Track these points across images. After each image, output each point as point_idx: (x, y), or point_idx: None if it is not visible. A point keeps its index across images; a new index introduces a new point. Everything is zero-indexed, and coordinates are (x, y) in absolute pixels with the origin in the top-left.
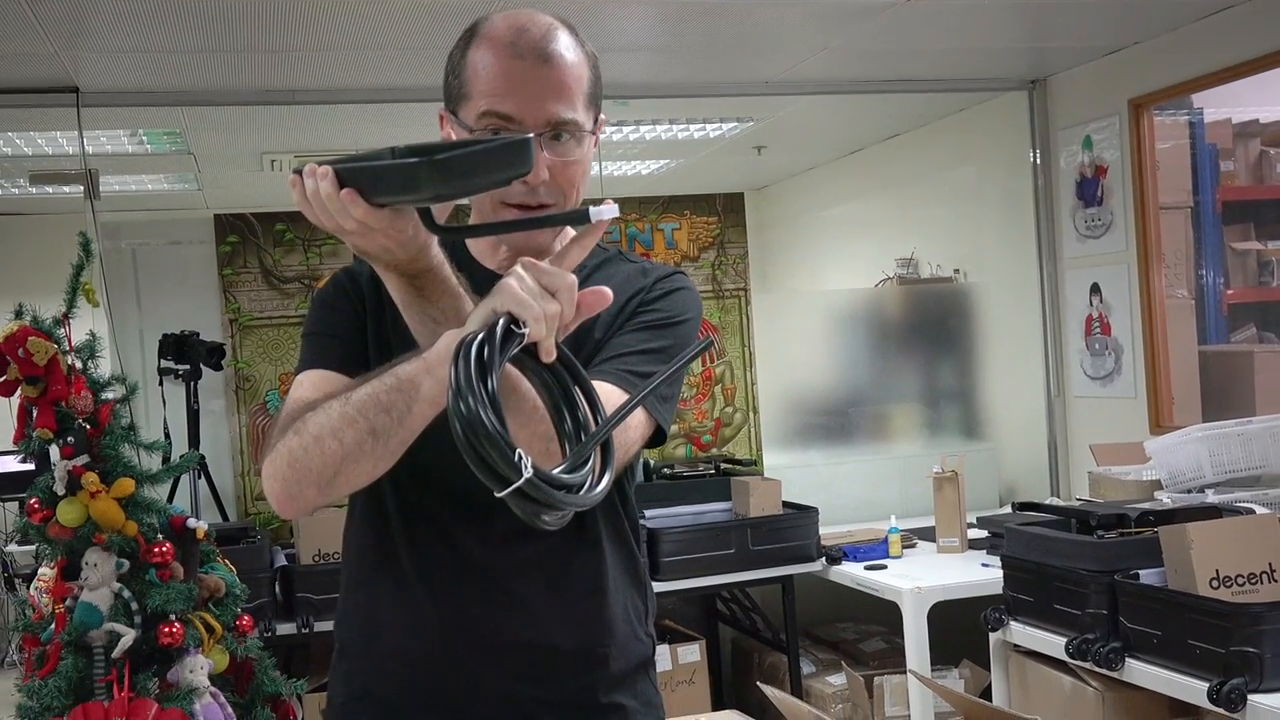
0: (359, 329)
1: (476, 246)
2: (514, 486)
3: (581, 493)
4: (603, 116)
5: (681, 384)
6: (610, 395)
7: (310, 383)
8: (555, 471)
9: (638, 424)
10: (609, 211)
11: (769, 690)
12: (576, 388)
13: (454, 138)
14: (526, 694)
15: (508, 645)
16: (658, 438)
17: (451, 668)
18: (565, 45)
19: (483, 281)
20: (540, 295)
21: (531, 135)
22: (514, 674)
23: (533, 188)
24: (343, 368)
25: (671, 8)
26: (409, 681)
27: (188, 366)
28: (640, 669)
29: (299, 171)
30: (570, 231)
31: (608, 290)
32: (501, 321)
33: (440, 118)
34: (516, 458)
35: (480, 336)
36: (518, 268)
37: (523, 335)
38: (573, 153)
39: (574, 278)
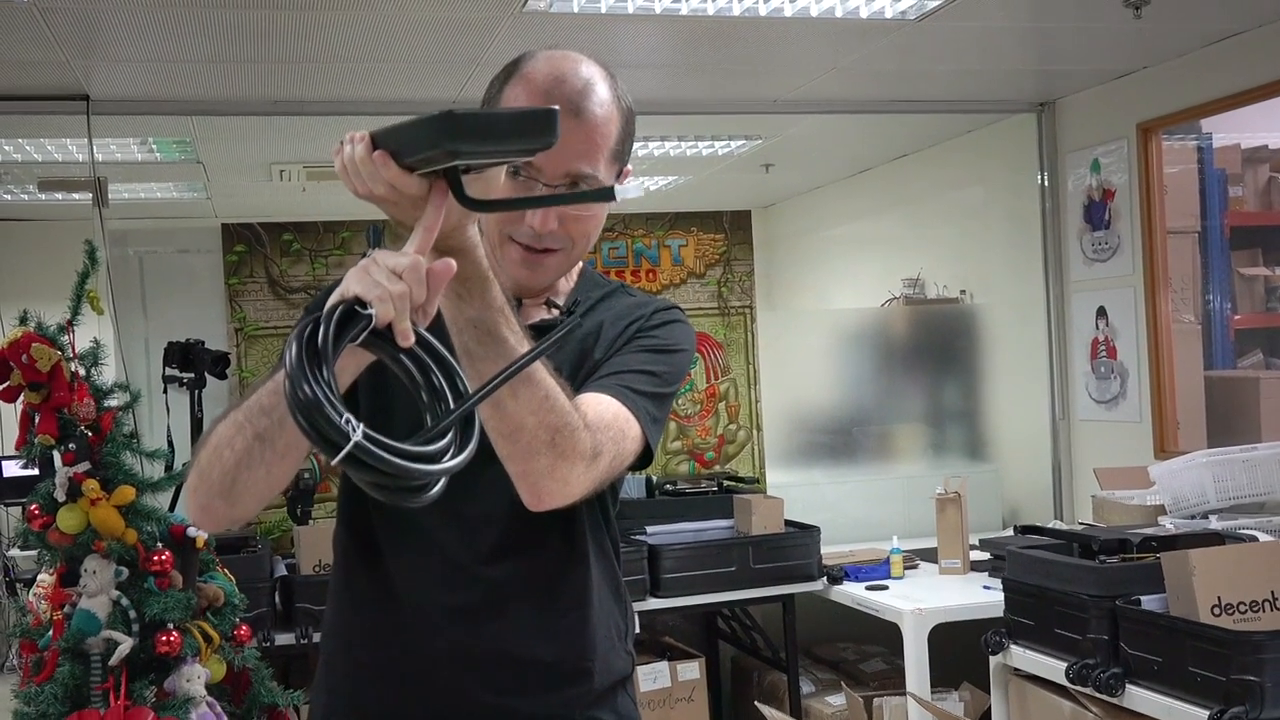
0: None
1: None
2: (344, 451)
3: (435, 462)
4: (628, 168)
5: (670, 408)
6: (607, 405)
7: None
8: (406, 444)
9: (614, 412)
10: (633, 190)
11: (767, 710)
12: (435, 367)
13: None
14: (509, 707)
15: (492, 659)
16: (645, 459)
17: (435, 681)
18: (599, 101)
19: None
20: (387, 276)
21: (556, 108)
22: (497, 688)
23: (539, 234)
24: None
25: (682, 26)
26: (391, 694)
27: (192, 375)
28: (620, 685)
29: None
30: (575, 273)
31: (451, 261)
32: (342, 306)
33: None
34: (344, 421)
35: (316, 318)
36: (365, 259)
37: (369, 316)
38: (588, 207)
39: (419, 258)
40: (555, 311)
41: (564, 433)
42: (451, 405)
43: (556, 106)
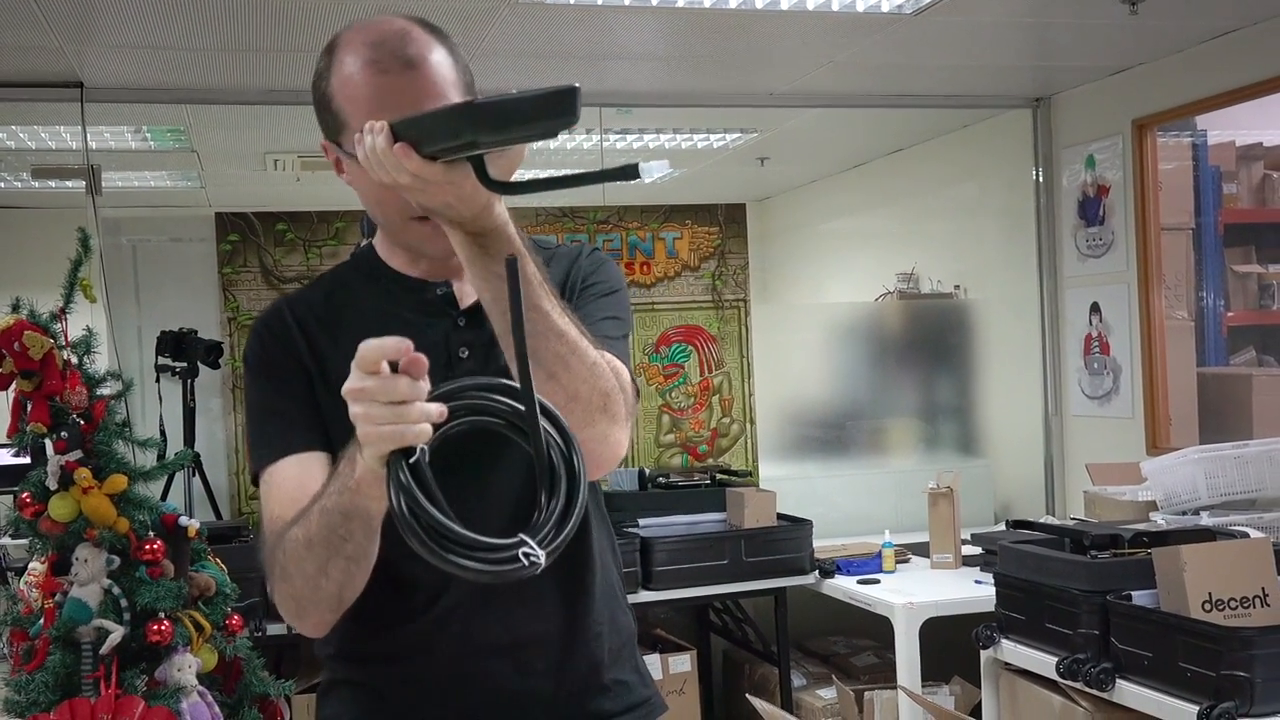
0: (306, 385)
1: (397, 259)
2: (539, 564)
3: (569, 519)
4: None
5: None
6: (609, 359)
7: (282, 489)
8: (549, 516)
9: (616, 365)
10: (659, 168)
11: (758, 703)
12: (486, 393)
13: (345, 168)
14: (536, 689)
15: (513, 643)
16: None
17: (459, 674)
18: (424, 44)
19: (410, 290)
20: (396, 414)
21: (578, 85)
22: (523, 671)
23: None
24: (309, 447)
25: (678, 18)
26: (417, 694)
27: (185, 364)
28: (630, 641)
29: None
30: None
31: (408, 346)
32: (401, 469)
33: (323, 148)
34: (525, 561)
35: (405, 507)
36: (353, 407)
37: (423, 453)
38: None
39: (397, 378)
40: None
41: (612, 395)
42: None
43: (578, 84)
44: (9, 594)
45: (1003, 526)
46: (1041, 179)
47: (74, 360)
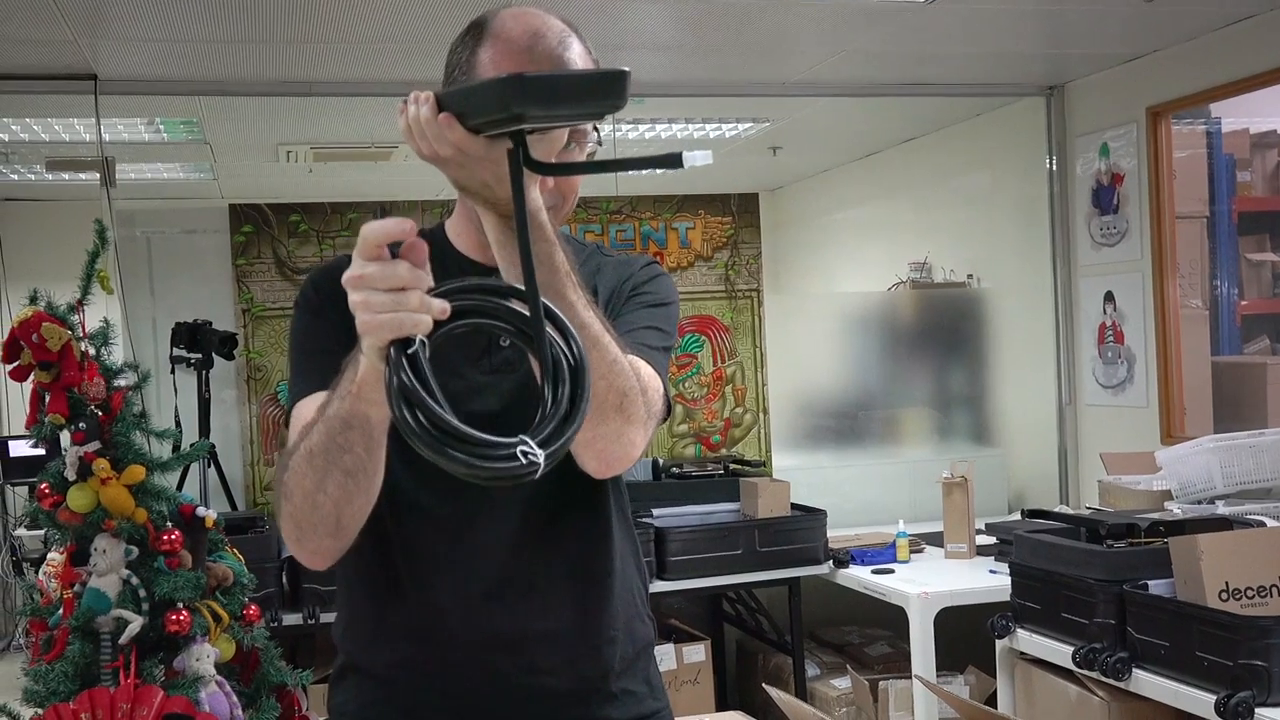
0: (347, 333)
1: (464, 241)
2: (537, 465)
3: (573, 422)
4: (599, 129)
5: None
6: (637, 363)
7: (304, 420)
8: (551, 415)
9: (647, 372)
10: (703, 157)
11: (773, 692)
12: (490, 296)
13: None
14: (544, 685)
15: (525, 639)
16: (665, 413)
17: (469, 666)
18: (578, 54)
19: (468, 272)
20: (395, 302)
21: (628, 69)
22: (531, 667)
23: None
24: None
25: (691, 8)
26: (428, 683)
27: (200, 355)
28: (645, 651)
29: (406, 100)
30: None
31: (410, 227)
32: (400, 358)
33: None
34: (523, 460)
35: (399, 398)
36: (352, 295)
37: (422, 344)
38: (576, 158)
39: (397, 262)
40: None
41: (630, 395)
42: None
43: (628, 68)
44: (25, 585)
45: (1017, 516)
46: (1055, 167)
47: (91, 352)
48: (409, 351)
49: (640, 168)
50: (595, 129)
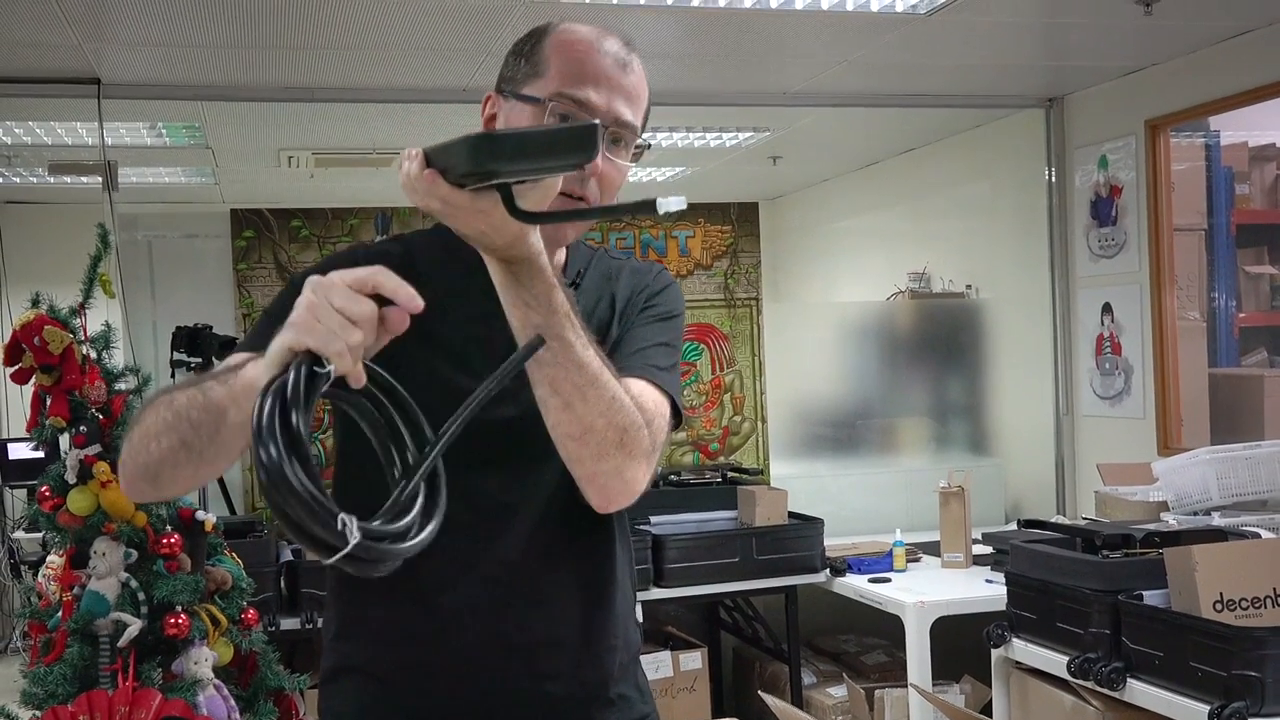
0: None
1: None
2: (341, 554)
3: (410, 539)
4: (648, 144)
5: (679, 358)
6: (643, 391)
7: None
8: (379, 522)
9: (655, 400)
10: (676, 203)
11: (770, 700)
12: (397, 414)
13: (499, 116)
14: (545, 691)
15: (528, 645)
16: (676, 427)
17: (471, 671)
18: (639, 63)
19: (481, 269)
20: (340, 324)
21: (599, 122)
22: (533, 672)
23: (585, 176)
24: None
25: (693, 17)
26: (429, 687)
27: (200, 359)
28: (636, 658)
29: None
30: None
31: (417, 306)
32: (303, 367)
33: (486, 100)
34: (340, 524)
35: (274, 395)
36: (309, 292)
37: (328, 374)
38: (622, 159)
39: (373, 305)
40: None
41: (630, 432)
42: (410, 450)
43: (598, 122)
44: (23, 588)
45: (1014, 526)
46: (1054, 179)
47: (93, 355)
48: (314, 369)
49: (617, 214)
50: (642, 144)
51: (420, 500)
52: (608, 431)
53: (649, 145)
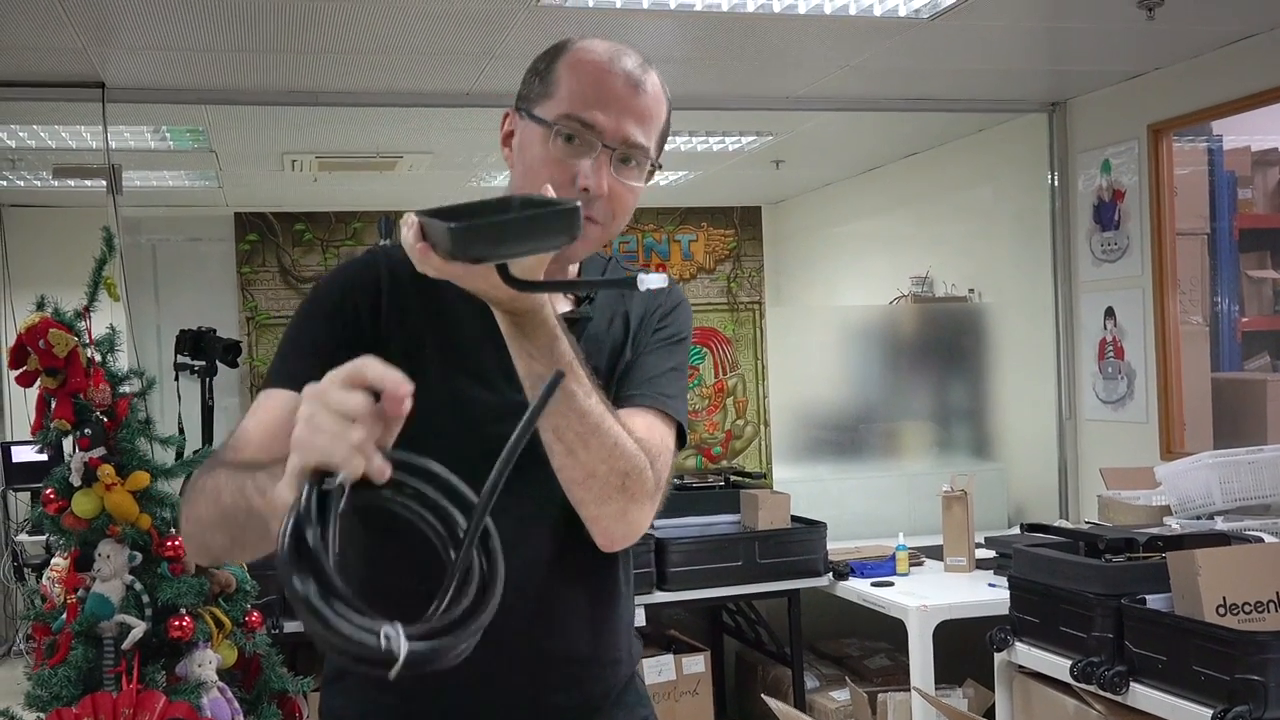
0: (349, 336)
1: None
2: (397, 667)
3: (478, 617)
4: (660, 164)
5: (686, 378)
6: (651, 425)
7: (267, 413)
8: (435, 620)
9: (661, 434)
10: (657, 280)
11: (773, 703)
12: (430, 488)
13: (516, 134)
14: (552, 703)
15: (538, 658)
16: (682, 438)
17: (481, 683)
18: (654, 82)
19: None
20: (338, 424)
21: (579, 204)
22: (540, 684)
23: (593, 198)
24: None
25: (697, 21)
26: (438, 698)
27: (203, 363)
28: (638, 668)
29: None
30: (585, 246)
31: (406, 390)
32: (312, 489)
33: (505, 117)
34: (383, 640)
35: (290, 524)
36: (304, 405)
37: (341, 486)
38: (633, 180)
39: (364, 397)
40: (573, 301)
41: (633, 475)
42: (460, 526)
43: (579, 203)
44: (29, 589)
45: (1016, 530)
46: (1057, 183)
47: (98, 358)
48: (323, 487)
49: (602, 287)
50: (654, 163)
51: (478, 569)
52: (610, 477)
53: (660, 166)
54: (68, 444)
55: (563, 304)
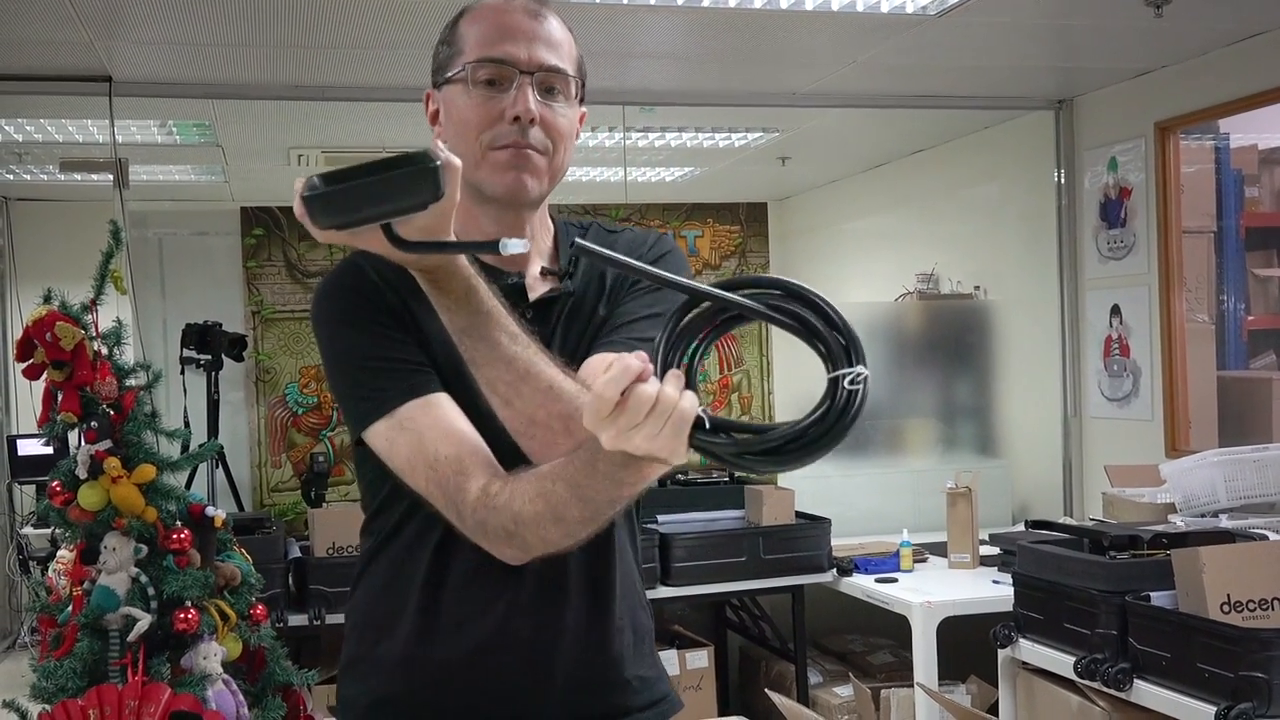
0: (408, 332)
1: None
2: (862, 383)
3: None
4: (584, 111)
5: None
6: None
7: (436, 426)
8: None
9: None
10: (516, 245)
11: (777, 698)
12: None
13: (440, 110)
14: (559, 678)
15: (539, 633)
16: None
17: (484, 669)
18: (553, 16)
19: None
20: (658, 416)
21: (439, 163)
22: (545, 661)
23: (523, 126)
24: (435, 389)
25: (702, 17)
26: (444, 683)
27: (209, 357)
28: (649, 638)
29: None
30: (552, 232)
31: (645, 366)
32: (702, 442)
33: (426, 99)
34: (846, 380)
35: (734, 462)
36: (614, 437)
37: (704, 413)
38: (560, 103)
39: (637, 391)
40: (553, 279)
41: (576, 418)
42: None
43: (439, 162)
44: (34, 582)
45: (1020, 527)
46: (1063, 181)
47: (104, 351)
48: (706, 427)
49: (470, 251)
50: (580, 88)
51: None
52: (551, 421)
53: (584, 80)
54: (74, 437)
55: (542, 284)
